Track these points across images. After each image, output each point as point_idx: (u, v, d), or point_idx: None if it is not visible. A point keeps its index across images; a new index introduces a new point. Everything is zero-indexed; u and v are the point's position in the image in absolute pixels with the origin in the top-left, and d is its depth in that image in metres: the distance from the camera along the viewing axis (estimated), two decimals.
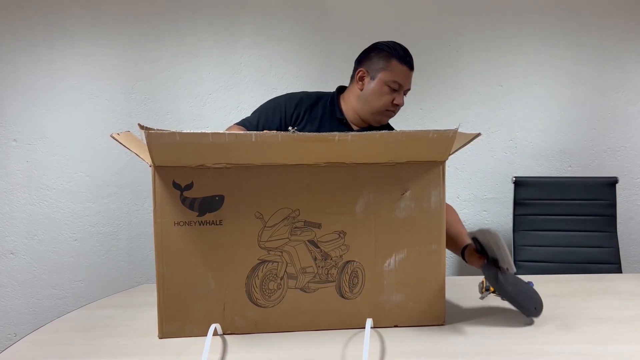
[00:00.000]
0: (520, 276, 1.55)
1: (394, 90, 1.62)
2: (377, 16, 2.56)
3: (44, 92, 2.52)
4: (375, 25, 2.56)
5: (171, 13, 2.53)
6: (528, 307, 1.20)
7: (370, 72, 1.63)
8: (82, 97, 2.54)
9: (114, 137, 1.09)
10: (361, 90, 1.65)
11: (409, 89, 1.67)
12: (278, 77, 2.57)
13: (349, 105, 1.69)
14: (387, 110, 1.64)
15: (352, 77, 1.70)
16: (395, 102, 1.62)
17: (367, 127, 1.70)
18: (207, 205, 1.10)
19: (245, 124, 1.64)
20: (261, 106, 1.70)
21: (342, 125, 1.68)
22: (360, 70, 1.65)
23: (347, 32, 2.55)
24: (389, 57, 1.61)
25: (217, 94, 2.56)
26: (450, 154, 1.14)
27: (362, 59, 1.67)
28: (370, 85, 1.63)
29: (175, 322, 1.12)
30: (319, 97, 1.72)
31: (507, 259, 1.17)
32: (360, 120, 1.68)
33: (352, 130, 1.67)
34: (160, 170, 1.09)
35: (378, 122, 1.68)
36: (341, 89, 1.75)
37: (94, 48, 2.52)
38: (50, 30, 2.50)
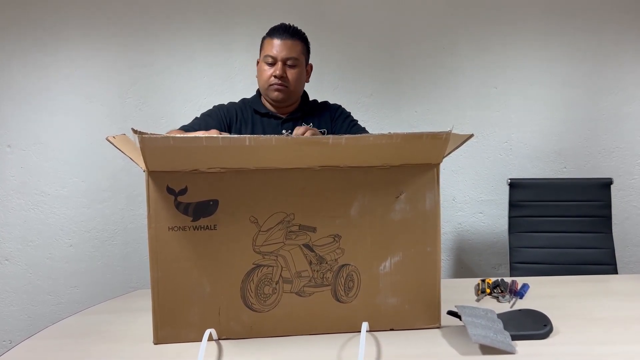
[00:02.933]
0: (516, 278, 1.56)
1: (270, 65, 1.67)
2: (372, 19, 2.56)
3: (38, 96, 2.52)
4: (370, 29, 2.57)
5: (165, 17, 2.53)
6: (537, 330, 1.15)
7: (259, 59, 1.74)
8: (77, 101, 2.53)
9: (109, 140, 1.09)
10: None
11: (291, 58, 1.66)
12: None
13: None
14: (270, 85, 1.67)
15: None
16: (272, 74, 1.66)
17: (293, 111, 1.76)
18: (201, 210, 1.10)
19: (186, 129, 1.68)
20: (197, 116, 1.77)
21: (271, 117, 1.75)
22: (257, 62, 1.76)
23: (342, 36, 2.55)
24: (263, 39, 1.73)
25: (212, 97, 2.56)
26: (444, 156, 1.14)
27: None
28: (258, 69, 1.73)
29: (170, 327, 1.12)
30: (244, 101, 1.81)
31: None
32: (276, 107, 1.75)
33: (280, 119, 1.75)
34: (154, 175, 1.08)
35: (274, 100, 1.71)
36: None
37: (88, 52, 2.52)
38: (43, 34, 2.50)
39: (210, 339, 1.10)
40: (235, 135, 1.01)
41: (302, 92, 1.79)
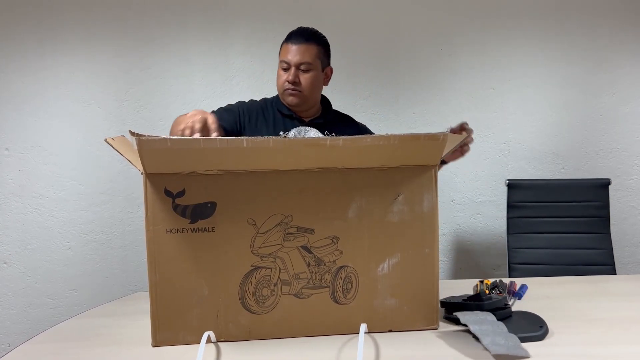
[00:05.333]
0: (514, 279, 1.56)
1: (285, 70, 1.67)
2: (369, 22, 2.56)
3: (35, 100, 2.52)
4: (368, 30, 2.57)
5: (163, 20, 2.53)
6: (534, 332, 1.14)
7: None
8: (74, 104, 2.53)
9: (108, 142, 1.08)
10: None
11: (304, 63, 1.66)
12: (270, 83, 2.56)
13: None
14: (284, 90, 1.68)
15: None
16: (286, 79, 1.66)
17: (315, 117, 1.76)
18: (199, 212, 1.10)
19: None
20: (217, 110, 1.75)
21: (294, 120, 1.74)
22: None
23: (339, 38, 2.55)
24: (281, 44, 1.71)
25: (210, 100, 2.56)
26: (442, 157, 1.14)
27: None
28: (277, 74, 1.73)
29: (169, 330, 1.12)
30: (266, 101, 1.80)
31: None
32: (295, 111, 1.74)
33: (303, 122, 1.74)
34: (151, 177, 1.08)
35: (289, 105, 1.71)
36: None
37: (86, 55, 2.52)
38: (41, 37, 2.50)
39: (208, 341, 1.10)
40: (233, 137, 1.01)
41: (319, 97, 1.79)
